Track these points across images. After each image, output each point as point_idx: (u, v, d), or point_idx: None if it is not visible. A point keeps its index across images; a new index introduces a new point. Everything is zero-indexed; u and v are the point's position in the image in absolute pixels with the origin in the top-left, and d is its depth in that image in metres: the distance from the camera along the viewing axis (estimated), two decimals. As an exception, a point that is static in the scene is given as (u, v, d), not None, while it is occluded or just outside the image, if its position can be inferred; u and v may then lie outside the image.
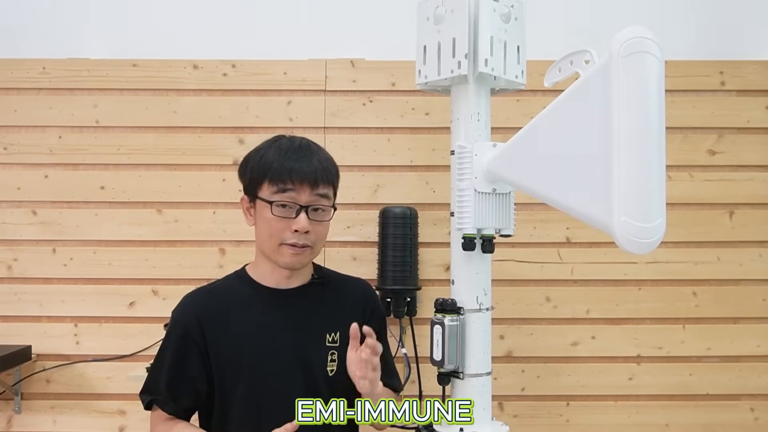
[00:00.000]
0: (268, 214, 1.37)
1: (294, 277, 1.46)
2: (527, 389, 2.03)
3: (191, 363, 1.40)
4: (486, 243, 1.34)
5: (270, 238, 1.38)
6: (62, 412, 2.02)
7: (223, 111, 2.05)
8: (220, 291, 1.48)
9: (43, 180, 2.04)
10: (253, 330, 1.42)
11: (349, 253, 2.03)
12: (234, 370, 1.40)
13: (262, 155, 1.41)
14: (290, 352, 1.42)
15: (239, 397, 1.40)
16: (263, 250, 1.42)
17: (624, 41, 1.05)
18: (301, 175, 1.36)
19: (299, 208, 1.36)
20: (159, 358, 1.45)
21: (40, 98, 2.04)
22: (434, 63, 1.39)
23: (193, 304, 1.45)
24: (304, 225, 1.36)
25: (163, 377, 1.42)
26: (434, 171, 2.04)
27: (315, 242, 1.40)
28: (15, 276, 2.03)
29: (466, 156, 1.33)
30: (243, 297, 1.45)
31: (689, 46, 2.08)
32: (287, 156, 1.38)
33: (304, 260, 1.42)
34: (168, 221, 2.04)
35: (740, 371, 2.04)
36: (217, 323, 1.41)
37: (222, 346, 1.41)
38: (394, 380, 1.57)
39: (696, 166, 2.06)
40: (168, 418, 1.42)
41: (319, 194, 1.38)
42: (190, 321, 1.41)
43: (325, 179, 1.40)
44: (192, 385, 1.41)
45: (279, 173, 1.36)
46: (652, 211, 1.05)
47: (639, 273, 2.04)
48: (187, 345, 1.41)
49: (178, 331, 1.42)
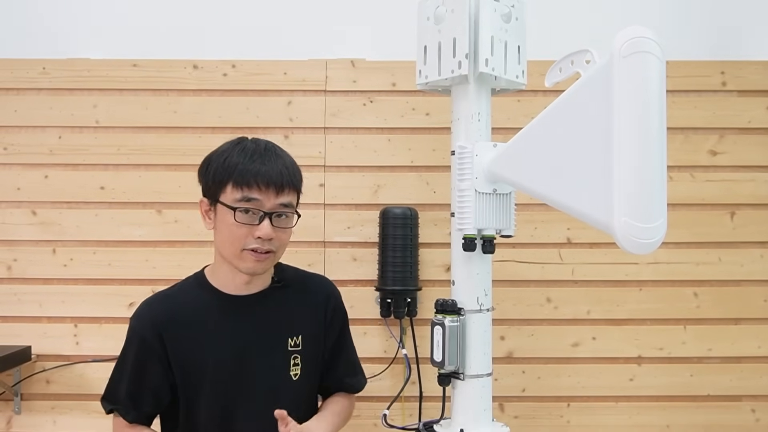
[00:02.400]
0: (230, 220, 1.32)
1: (253, 283, 1.43)
2: (528, 390, 2.03)
3: (152, 372, 1.38)
4: (486, 243, 1.34)
5: (231, 243, 1.34)
6: (62, 413, 2.01)
7: (223, 111, 2.04)
8: (180, 297, 1.44)
9: (43, 180, 2.04)
10: (215, 338, 1.39)
11: (350, 254, 2.03)
12: (197, 377, 1.38)
13: (226, 157, 1.36)
14: (253, 358, 1.40)
15: (204, 405, 1.38)
16: (224, 254, 1.38)
17: (625, 41, 1.04)
18: (266, 179, 1.32)
19: (263, 215, 1.33)
20: (119, 366, 1.43)
21: (40, 98, 2.04)
22: (435, 63, 1.39)
23: (151, 314, 1.42)
24: (267, 232, 1.32)
25: (123, 388, 1.40)
26: (435, 171, 2.03)
27: (278, 248, 1.37)
28: (15, 276, 2.03)
29: (466, 156, 1.33)
30: (202, 304, 1.42)
31: (690, 46, 2.07)
32: (252, 159, 1.34)
33: (266, 266, 1.39)
34: (168, 222, 2.03)
35: (741, 372, 2.04)
36: (177, 332, 1.38)
37: (183, 355, 1.38)
38: (354, 379, 1.56)
39: (697, 166, 2.05)
40: (128, 425, 1.41)
41: (283, 202, 1.35)
42: (149, 331, 1.38)
43: (291, 184, 1.37)
44: (153, 394, 1.39)
45: (244, 177, 1.32)
46: (653, 212, 1.05)
47: (640, 274, 2.04)
48: (147, 355, 1.38)
49: (136, 341, 1.40)
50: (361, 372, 1.60)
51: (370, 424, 1.98)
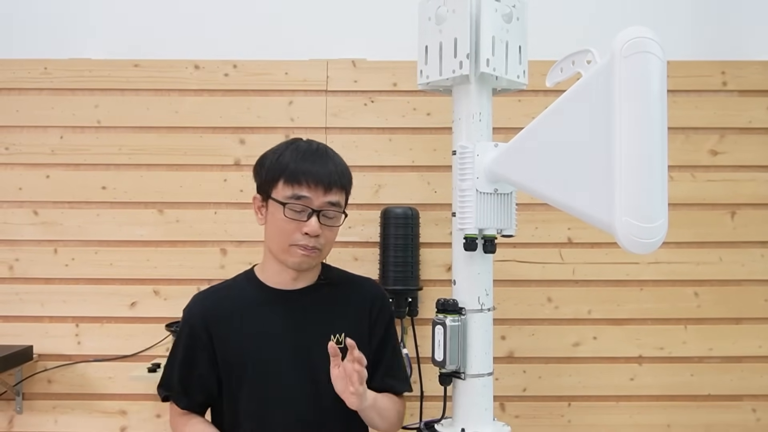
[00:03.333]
0: (280, 215, 1.37)
1: (300, 279, 1.46)
2: (529, 390, 2.03)
3: (200, 362, 1.43)
4: (487, 243, 1.34)
5: (280, 238, 1.38)
6: (64, 413, 2.02)
7: (224, 111, 2.05)
8: (227, 292, 1.50)
9: (44, 180, 2.04)
10: (259, 331, 1.42)
11: (351, 254, 2.03)
12: (240, 369, 1.41)
13: (279, 156, 1.41)
14: (295, 353, 1.42)
15: (246, 397, 1.41)
16: (272, 249, 1.43)
17: (626, 41, 1.05)
18: (316, 178, 1.37)
19: (311, 212, 1.37)
20: (172, 354, 1.49)
21: (41, 98, 2.04)
22: (436, 63, 1.39)
23: (199, 306, 1.47)
24: (314, 229, 1.36)
25: (175, 374, 1.45)
26: (436, 171, 2.04)
27: (324, 245, 1.41)
28: (16, 276, 2.03)
29: (467, 156, 1.33)
30: (249, 298, 1.46)
31: (691, 46, 2.07)
32: (304, 158, 1.39)
33: (312, 262, 1.42)
34: (169, 221, 2.04)
35: (742, 372, 2.04)
36: (223, 324, 1.43)
37: (228, 347, 1.42)
38: (396, 382, 1.53)
39: (698, 166, 2.06)
40: (183, 412, 1.45)
41: (331, 201, 1.39)
42: (197, 322, 1.44)
43: (339, 184, 1.41)
44: (202, 382, 1.44)
45: (294, 175, 1.37)
46: (654, 211, 1.05)
47: (641, 273, 2.04)
48: (195, 344, 1.44)
49: (186, 331, 1.45)
50: (406, 380, 1.56)
51: (371, 424, 1.98)
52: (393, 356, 1.55)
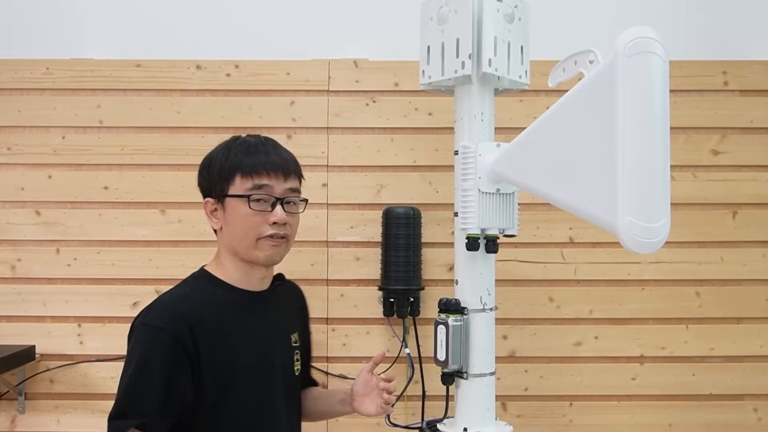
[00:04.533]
0: (243, 210, 1.34)
1: (267, 278, 1.45)
2: (530, 389, 2.03)
3: (183, 376, 1.29)
4: (490, 243, 1.35)
5: (246, 234, 1.35)
6: (66, 412, 2.02)
7: (226, 111, 2.05)
8: (198, 297, 1.38)
9: (46, 180, 2.04)
10: (245, 334, 1.39)
11: (352, 254, 2.03)
12: (228, 376, 1.34)
13: (228, 154, 1.39)
14: (272, 353, 1.43)
15: (230, 404, 1.35)
16: (238, 249, 1.37)
17: (628, 41, 1.05)
18: (273, 165, 1.37)
19: (275, 201, 1.36)
20: (142, 374, 1.28)
21: (43, 98, 2.05)
22: (438, 63, 1.39)
23: (177, 310, 1.33)
24: (282, 216, 1.35)
25: (155, 396, 1.26)
26: (437, 171, 2.04)
27: (290, 235, 1.41)
28: (18, 276, 2.03)
29: (469, 156, 1.33)
30: (225, 302, 1.38)
31: (692, 46, 2.07)
32: (256, 150, 1.39)
33: (283, 252, 1.41)
34: (171, 221, 2.04)
35: (743, 371, 2.04)
36: (207, 329, 1.32)
37: (215, 351, 1.32)
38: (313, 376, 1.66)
39: (699, 166, 2.06)
40: None
41: (291, 187, 1.39)
42: (181, 328, 1.29)
43: (294, 171, 1.42)
44: (182, 400, 1.29)
45: (252, 166, 1.36)
46: (656, 211, 1.06)
47: (642, 273, 2.04)
48: (177, 356, 1.28)
49: (165, 341, 1.28)
50: None
51: (373, 423, 1.98)
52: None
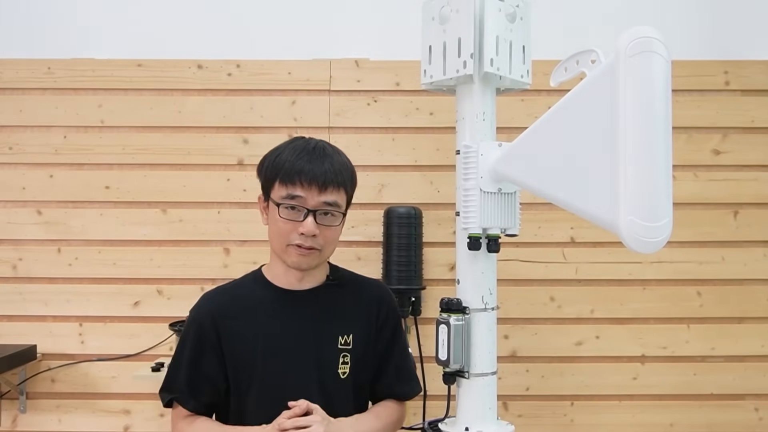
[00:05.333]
0: (277, 215, 1.37)
1: (306, 279, 1.45)
2: (532, 389, 2.03)
3: (208, 361, 1.41)
4: (491, 243, 1.34)
5: (278, 238, 1.38)
6: (67, 412, 2.02)
7: (227, 111, 2.05)
8: (236, 291, 1.48)
9: (48, 180, 2.04)
10: (268, 331, 1.41)
11: (354, 253, 2.03)
12: (248, 370, 1.40)
13: (277, 156, 1.40)
14: (303, 353, 1.42)
15: (254, 397, 1.40)
16: (274, 249, 1.43)
17: (630, 40, 1.04)
18: (309, 177, 1.35)
19: (307, 212, 1.36)
20: (177, 356, 1.45)
21: (45, 98, 2.05)
22: (439, 63, 1.39)
23: (208, 304, 1.45)
24: (310, 229, 1.35)
25: (182, 375, 1.41)
26: (438, 171, 2.04)
27: (323, 245, 1.39)
28: (20, 276, 2.03)
29: (471, 156, 1.33)
30: (258, 298, 1.45)
31: (694, 45, 2.08)
32: (300, 157, 1.38)
33: (312, 262, 1.41)
34: (173, 221, 2.04)
35: (744, 371, 2.04)
36: (232, 324, 1.41)
37: (236, 346, 1.41)
38: (404, 386, 1.52)
39: (701, 165, 2.06)
40: (188, 415, 1.43)
41: (327, 200, 1.37)
42: (205, 321, 1.42)
43: (335, 183, 1.38)
44: (210, 382, 1.42)
45: (289, 174, 1.36)
46: (658, 211, 1.05)
47: (643, 273, 2.04)
48: (203, 344, 1.41)
49: (194, 330, 1.43)
50: (415, 379, 1.56)
51: (374, 423, 1.98)
52: (402, 360, 1.54)
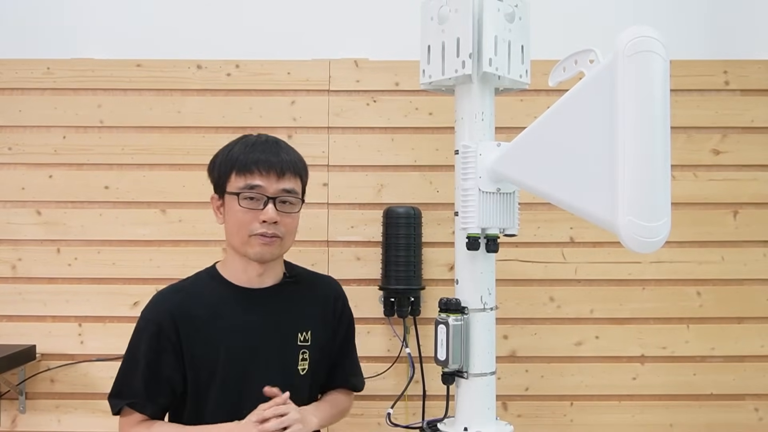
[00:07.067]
0: (236, 207, 1.38)
1: (266, 276, 1.46)
2: (531, 389, 2.03)
3: (166, 362, 1.39)
4: (490, 243, 1.34)
5: (239, 230, 1.39)
6: (67, 412, 2.02)
7: (226, 111, 2.05)
8: (194, 290, 1.46)
9: (47, 180, 2.04)
10: (228, 330, 1.41)
11: (353, 253, 2.03)
12: (209, 369, 1.40)
13: (230, 151, 1.44)
14: (264, 352, 1.43)
15: (214, 397, 1.40)
16: (233, 245, 1.43)
17: (629, 40, 1.05)
18: (267, 165, 1.38)
19: (266, 200, 1.37)
20: (130, 359, 1.41)
21: (44, 98, 2.05)
22: (438, 63, 1.39)
23: (166, 303, 1.44)
24: (271, 215, 1.37)
25: (139, 378, 1.38)
26: (438, 171, 2.04)
27: (285, 234, 1.41)
28: (19, 276, 2.03)
29: (470, 155, 1.33)
30: (216, 296, 1.44)
31: (693, 45, 2.07)
32: (254, 149, 1.41)
33: (274, 251, 1.42)
34: (172, 221, 2.04)
35: (744, 371, 2.04)
36: (192, 323, 1.40)
37: (196, 345, 1.40)
38: (357, 378, 1.62)
39: (700, 165, 2.05)
40: (141, 420, 1.40)
41: (285, 188, 1.40)
42: (164, 320, 1.40)
43: (292, 170, 1.42)
44: (169, 385, 1.40)
45: (245, 164, 1.39)
46: (657, 211, 1.05)
47: (643, 273, 2.04)
48: (161, 344, 1.39)
49: (151, 330, 1.40)
50: (361, 373, 1.65)
51: (374, 423, 1.98)
52: (355, 354, 1.63)
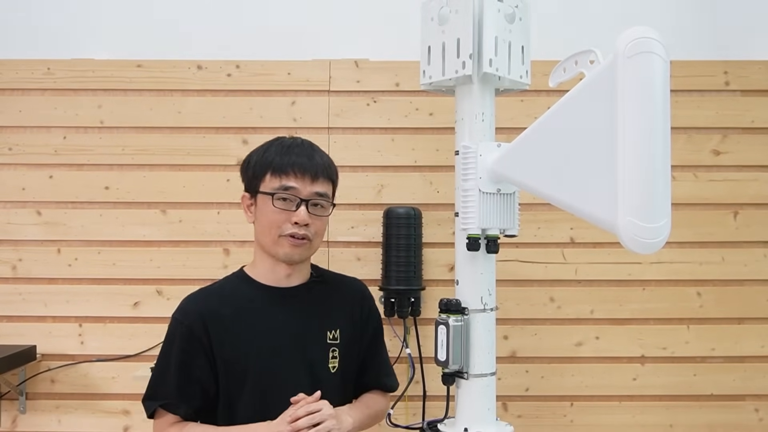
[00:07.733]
0: (269, 207, 1.40)
1: (294, 276, 1.47)
2: (531, 389, 2.03)
3: (198, 364, 1.40)
4: (490, 243, 1.34)
5: (270, 230, 1.40)
6: (67, 412, 2.02)
7: (227, 111, 2.05)
8: (222, 292, 1.48)
9: (47, 180, 2.04)
10: (258, 330, 1.43)
11: (353, 254, 2.03)
12: (240, 370, 1.41)
13: (265, 152, 1.45)
14: (294, 351, 1.43)
15: (246, 397, 1.41)
16: (263, 244, 1.44)
17: (629, 41, 1.04)
18: (302, 168, 1.41)
19: (299, 201, 1.39)
20: (163, 361, 1.44)
21: (44, 99, 2.05)
22: (438, 63, 1.39)
23: (196, 305, 1.45)
24: (303, 217, 1.39)
25: (172, 380, 1.40)
26: (438, 171, 2.04)
27: (314, 236, 1.43)
28: (19, 276, 2.03)
29: (470, 156, 1.33)
30: (245, 297, 1.46)
31: (693, 46, 2.07)
32: (289, 151, 1.43)
33: (303, 253, 1.44)
34: (172, 221, 2.04)
35: (745, 372, 2.04)
36: (222, 324, 1.42)
37: (227, 347, 1.41)
38: (390, 379, 1.61)
39: (700, 166, 2.05)
40: (175, 421, 1.41)
41: (318, 191, 1.42)
42: (195, 322, 1.41)
43: (325, 175, 1.44)
44: (201, 386, 1.41)
45: (281, 166, 1.41)
46: (657, 211, 1.05)
47: (643, 273, 2.04)
48: (193, 346, 1.41)
49: (182, 333, 1.42)
50: (393, 373, 1.64)
51: (373, 424, 1.98)
52: (385, 355, 1.63)
